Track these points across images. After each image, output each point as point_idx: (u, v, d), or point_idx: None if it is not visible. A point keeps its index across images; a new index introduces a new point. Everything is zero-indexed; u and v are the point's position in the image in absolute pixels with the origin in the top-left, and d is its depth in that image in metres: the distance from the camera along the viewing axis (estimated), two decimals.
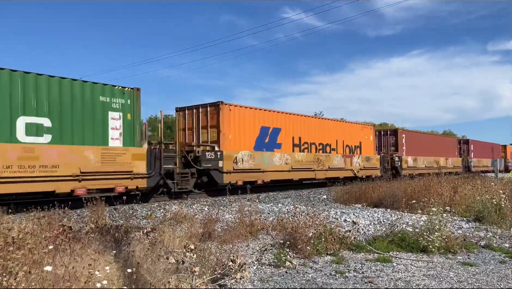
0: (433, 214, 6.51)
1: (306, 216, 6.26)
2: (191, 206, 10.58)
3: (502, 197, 8.45)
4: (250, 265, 5.19)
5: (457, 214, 9.19)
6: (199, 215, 8.37)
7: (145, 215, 9.23)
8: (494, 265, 5.52)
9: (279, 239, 6.23)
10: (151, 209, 10.31)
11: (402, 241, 6.39)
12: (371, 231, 7.36)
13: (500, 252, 6.23)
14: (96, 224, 5.88)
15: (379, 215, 8.85)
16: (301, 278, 4.75)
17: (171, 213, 8.14)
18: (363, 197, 11.38)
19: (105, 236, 5.28)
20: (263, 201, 12.65)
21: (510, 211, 8.16)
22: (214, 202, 11.93)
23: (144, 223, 7.50)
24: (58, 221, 5.70)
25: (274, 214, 9.05)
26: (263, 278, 4.73)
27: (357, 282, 4.60)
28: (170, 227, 6.30)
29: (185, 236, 5.80)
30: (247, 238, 6.50)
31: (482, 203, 8.69)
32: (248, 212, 7.39)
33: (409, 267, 5.32)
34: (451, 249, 6.14)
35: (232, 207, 10.14)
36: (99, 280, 3.38)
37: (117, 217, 8.09)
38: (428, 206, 7.24)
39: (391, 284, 4.53)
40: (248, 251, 5.86)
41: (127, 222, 6.63)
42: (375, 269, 5.19)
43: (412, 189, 10.65)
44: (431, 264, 5.51)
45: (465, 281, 4.67)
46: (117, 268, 3.96)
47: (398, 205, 9.85)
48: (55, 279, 3.46)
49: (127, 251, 4.55)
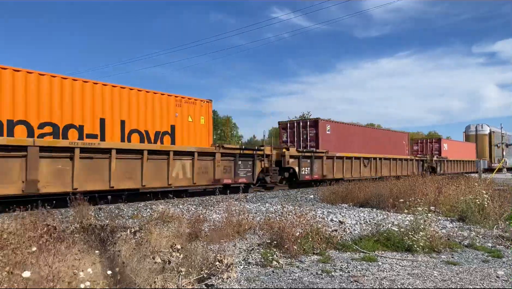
0: (418, 213, 6.59)
1: (293, 216, 6.29)
2: (178, 206, 10.51)
3: (485, 197, 8.60)
4: (237, 264, 5.19)
5: (441, 213, 9.32)
6: (186, 215, 8.33)
7: (131, 214, 9.15)
8: (477, 264, 5.62)
9: (266, 238, 6.23)
10: (138, 208, 10.22)
11: (387, 240, 6.46)
12: (357, 230, 7.41)
13: (483, 251, 6.34)
14: (81, 223, 5.80)
15: (365, 214, 8.92)
16: (287, 278, 4.76)
17: (157, 212, 8.08)
18: (350, 196, 11.46)
19: (90, 235, 5.21)
20: (250, 200, 12.66)
21: (492, 211, 8.30)
22: (201, 202, 11.89)
23: (131, 223, 7.43)
24: (42, 220, 5.61)
25: (261, 213, 9.05)
26: (250, 277, 4.73)
27: (343, 281, 4.63)
28: (157, 226, 6.25)
29: (172, 235, 5.76)
30: (234, 238, 6.49)
31: (465, 203, 8.83)
32: (236, 212, 7.37)
33: (394, 266, 5.38)
34: (436, 249, 6.23)
35: (219, 206, 10.11)
36: (83, 280, 3.34)
37: (103, 216, 8.00)
38: (414, 206, 7.34)
39: (376, 283, 4.57)
40: (235, 251, 5.85)
41: (113, 222, 6.56)
42: (361, 268, 5.23)
43: (398, 189, 10.77)
44: (416, 263, 5.58)
45: (448, 280, 4.74)
46: (102, 268, 3.91)
47: (384, 205, 9.96)
48: (38, 280, 3.41)
49: (113, 251, 4.50)
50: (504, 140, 44.56)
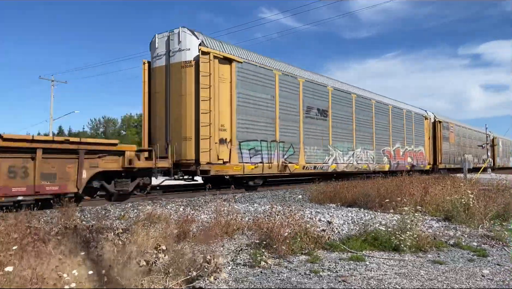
0: (405, 213, 6.65)
1: (281, 216, 6.28)
2: (166, 206, 10.43)
3: (471, 197, 8.71)
4: (225, 265, 5.16)
5: (427, 213, 9.41)
6: (174, 216, 8.26)
7: (118, 215, 9.04)
8: (463, 263, 5.68)
9: (255, 239, 6.22)
10: (125, 209, 10.11)
11: (375, 240, 6.50)
12: (345, 230, 7.44)
13: (469, 250, 6.42)
14: (66, 225, 5.71)
15: (353, 214, 8.97)
16: (276, 278, 4.75)
17: (144, 213, 8.00)
18: (338, 197, 11.50)
19: (75, 237, 5.13)
20: (239, 201, 12.62)
21: (478, 210, 8.41)
22: (189, 202, 11.81)
23: (117, 224, 7.34)
24: (26, 222, 5.50)
25: (250, 214, 9.03)
26: (238, 278, 4.71)
27: (331, 281, 4.64)
28: (144, 227, 6.18)
29: (160, 236, 5.71)
30: (222, 238, 6.46)
31: (451, 203, 8.93)
32: (224, 213, 7.34)
33: (382, 265, 5.41)
34: (422, 248, 6.29)
35: (208, 207, 10.05)
36: (67, 282, 3.28)
37: (89, 217, 7.89)
38: (401, 206, 7.39)
39: (364, 282, 4.59)
40: (224, 252, 5.82)
41: (99, 223, 6.47)
42: (349, 268, 5.25)
43: (385, 189, 10.84)
44: (403, 262, 5.62)
45: (435, 279, 4.79)
46: (87, 270, 3.85)
47: (371, 205, 10.01)
48: (21, 282, 3.34)
49: (98, 253, 4.44)
50: (489, 141, 45.26)
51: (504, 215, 9.13)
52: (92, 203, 10.89)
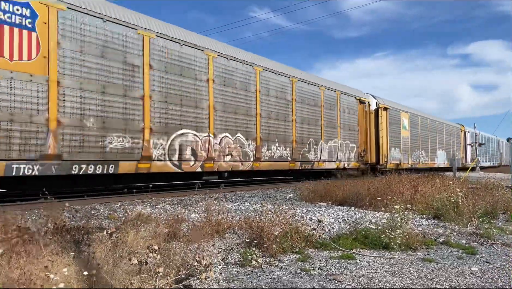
0: (395, 212, 6.69)
1: (272, 215, 6.28)
2: (156, 206, 10.37)
3: (460, 195, 8.80)
4: (216, 264, 5.14)
5: (417, 211, 9.49)
6: (164, 215, 8.21)
7: (107, 215, 8.96)
8: (452, 261, 5.74)
9: (246, 238, 6.21)
10: (114, 209, 10.02)
11: (365, 238, 6.53)
12: (335, 229, 7.47)
13: (458, 248, 6.48)
14: (54, 224, 5.64)
15: (343, 213, 9.00)
16: (266, 277, 4.75)
17: (134, 212, 7.94)
18: (328, 195, 11.55)
19: (64, 236, 5.07)
20: (229, 200, 12.60)
21: (466, 208, 8.51)
22: (180, 201, 11.76)
23: (107, 223, 7.27)
24: (13, 222, 5.41)
25: (241, 212, 9.02)
26: (228, 277, 4.69)
27: (321, 280, 4.65)
28: (134, 227, 6.13)
29: (150, 236, 5.66)
30: (213, 238, 6.44)
31: (440, 201, 9.02)
32: (215, 212, 7.32)
33: (372, 263, 5.44)
34: (412, 246, 6.34)
35: (198, 206, 10.02)
36: (57, 282, 3.23)
37: (78, 217, 7.80)
38: (391, 204, 7.44)
39: (354, 281, 4.61)
40: (214, 251, 5.80)
41: (88, 223, 6.40)
42: (339, 266, 5.27)
43: (375, 188, 10.91)
44: (393, 260, 5.65)
45: (424, 277, 4.82)
46: (76, 270, 3.80)
47: (362, 203, 10.07)
48: (9, 283, 3.29)
49: (88, 253, 4.39)
50: (478, 140, 45.83)
51: (492, 213, 9.26)
52: (81, 202, 10.77)
